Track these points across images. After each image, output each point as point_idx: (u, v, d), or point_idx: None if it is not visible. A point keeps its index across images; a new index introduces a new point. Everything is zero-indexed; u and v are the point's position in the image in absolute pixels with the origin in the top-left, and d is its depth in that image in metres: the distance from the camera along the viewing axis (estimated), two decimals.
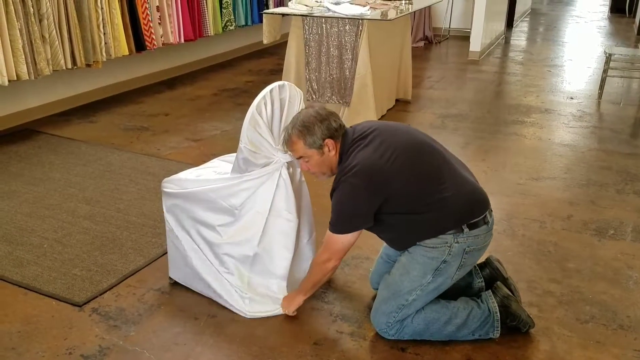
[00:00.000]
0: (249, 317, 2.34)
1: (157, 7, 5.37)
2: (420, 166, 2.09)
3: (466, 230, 2.08)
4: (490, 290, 2.26)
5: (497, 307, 2.20)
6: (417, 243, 2.12)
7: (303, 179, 2.44)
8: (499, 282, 2.30)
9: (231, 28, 6.45)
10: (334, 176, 2.18)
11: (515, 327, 2.24)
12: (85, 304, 2.43)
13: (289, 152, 2.24)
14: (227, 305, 2.39)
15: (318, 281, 2.30)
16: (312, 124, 2.09)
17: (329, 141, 2.11)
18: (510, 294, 2.27)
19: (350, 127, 2.22)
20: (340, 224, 2.10)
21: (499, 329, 2.21)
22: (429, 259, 2.10)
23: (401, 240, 2.20)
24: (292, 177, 2.33)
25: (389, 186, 2.03)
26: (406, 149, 2.09)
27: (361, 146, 2.09)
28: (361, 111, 4.49)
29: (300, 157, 2.18)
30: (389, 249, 2.37)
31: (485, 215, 2.13)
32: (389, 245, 2.32)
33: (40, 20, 4.26)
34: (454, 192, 2.07)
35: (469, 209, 2.10)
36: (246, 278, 2.37)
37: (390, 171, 2.04)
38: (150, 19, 5.29)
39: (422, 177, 2.07)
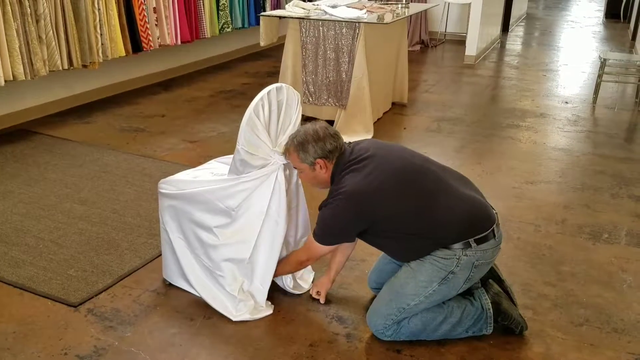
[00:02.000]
0: (235, 320, 2.33)
1: (154, 8, 5.38)
2: (412, 190, 2.12)
3: (474, 245, 2.09)
4: (482, 288, 2.28)
5: (490, 304, 2.22)
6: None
7: (300, 181, 2.45)
8: (491, 280, 2.33)
9: (228, 30, 6.46)
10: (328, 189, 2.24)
11: (507, 327, 2.26)
12: (80, 304, 2.43)
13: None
14: (215, 307, 2.38)
15: (289, 272, 2.47)
16: (308, 142, 2.17)
17: (320, 161, 2.18)
18: (501, 291, 2.30)
19: (350, 145, 2.25)
20: (321, 237, 2.20)
21: (492, 325, 2.23)
22: (437, 267, 2.12)
23: (403, 256, 2.23)
24: (288, 178, 2.34)
25: (375, 212, 2.09)
26: (398, 175, 2.13)
27: (354, 170, 2.14)
28: (357, 114, 4.50)
29: (295, 167, 2.30)
30: None
31: (493, 230, 2.15)
32: (393, 259, 2.34)
33: (37, 21, 4.26)
34: (449, 212, 2.10)
35: (470, 226, 2.11)
36: (240, 282, 2.37)
37: (378, 198, 2.08)
38: (147, 20, 5.29)
39: (412, 201, 2.10)
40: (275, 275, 2.43)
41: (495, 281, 2.35)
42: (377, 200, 2.08)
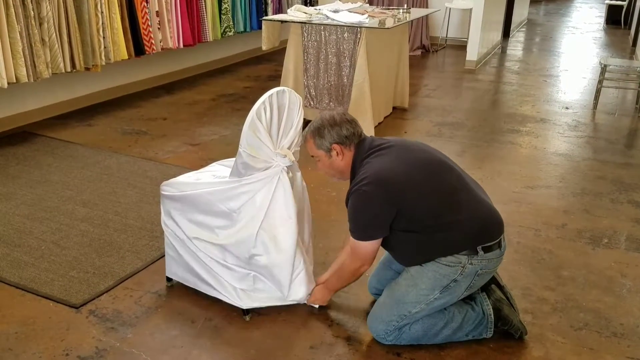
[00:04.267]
0: (244, 307, 2.37)
1: (157, 12, 5.40)
2: (437, 184, 2.09)
3: (481, 253, 2.09)
4: (484, 293, 2.29)
5: (491, 310, 2.23)
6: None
7: (304, 184, 2.46)
8: (493, 285, 2.33)
9: (230, 34, 6.49)
10: (348, 182, 2.21)
11: (507, 332, 2.27)
12: (82, 305, 2.44)
13: (288, 157, 2.28)
14: (222, 298, 2.40)
15: (347, 284, 2.37)
16: (324, 127, 2.17)
17: (336, 146, 2.17)
18: (503, 297, 2.30)
19: (371, 136, 2.24)
20: (359, 232, 2.12)
21: (492, 329, 2.24)
22: (440, 275, 2.10)
23: (412, 259, 2.18)
24: (292, 181, 2.34)
25: (403, 197, 2.04)
26: (423, 165, 2.11)
27: (378, 156, 2.12)
28: (358, 118, 4.46)
29: (312, 156, 2.27)
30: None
31: (500, 240, 2.15)
32: (399, 262, 2.29)
33: (41, 24, 4.28)
34: (469, 214, 2.08)
35: (483, 231, 2.10)
36: (251, 275, 2.37)
37: (405, 182, 2.05)
38: (149, 23, 5.32)
39: (437, 194, 2.08)
40: (333, 292, 2.42)
41: (495, 287, 2.36)
42: (403, 184, 2.04)
